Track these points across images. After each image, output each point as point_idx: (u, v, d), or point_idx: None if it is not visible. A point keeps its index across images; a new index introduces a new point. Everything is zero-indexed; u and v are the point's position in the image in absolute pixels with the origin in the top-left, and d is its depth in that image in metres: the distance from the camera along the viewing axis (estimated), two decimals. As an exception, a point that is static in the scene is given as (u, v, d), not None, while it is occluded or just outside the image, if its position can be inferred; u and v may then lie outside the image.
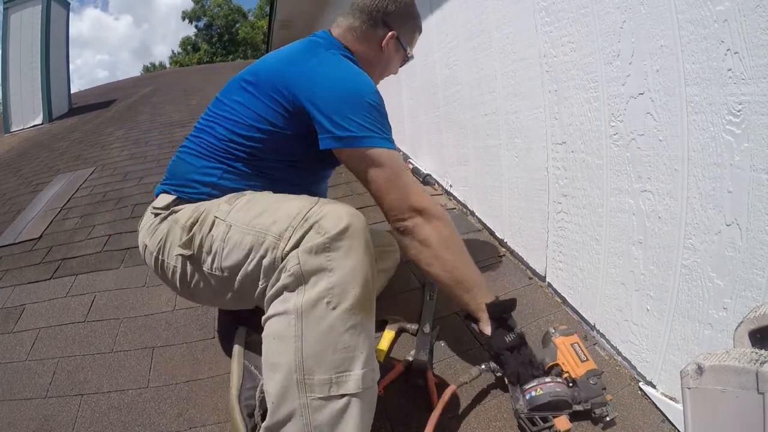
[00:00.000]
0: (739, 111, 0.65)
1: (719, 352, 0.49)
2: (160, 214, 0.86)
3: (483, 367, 0.87)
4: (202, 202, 0.82)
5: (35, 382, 0.97)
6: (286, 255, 0.63)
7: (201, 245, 0.75)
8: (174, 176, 0.90)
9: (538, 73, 1.11)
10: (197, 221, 0.77)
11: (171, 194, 0.88)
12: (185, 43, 23.61)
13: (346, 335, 0.60)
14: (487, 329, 0.83)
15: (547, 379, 0.82)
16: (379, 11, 0.96)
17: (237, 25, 22.89)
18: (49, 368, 1.01)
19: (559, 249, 1.15)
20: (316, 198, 0.70)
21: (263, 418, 0.67)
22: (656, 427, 0.83)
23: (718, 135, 0.69)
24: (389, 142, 0.82)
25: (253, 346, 0.86)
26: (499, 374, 0.86)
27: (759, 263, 0.65)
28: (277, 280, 0.63)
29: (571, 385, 0.84)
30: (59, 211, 1.99)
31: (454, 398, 0.84)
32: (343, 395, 0.59)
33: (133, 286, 1.31)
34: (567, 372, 0.86)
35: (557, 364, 0.88)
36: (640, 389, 0.91)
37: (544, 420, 0.79)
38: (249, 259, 0.68)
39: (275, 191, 0.84)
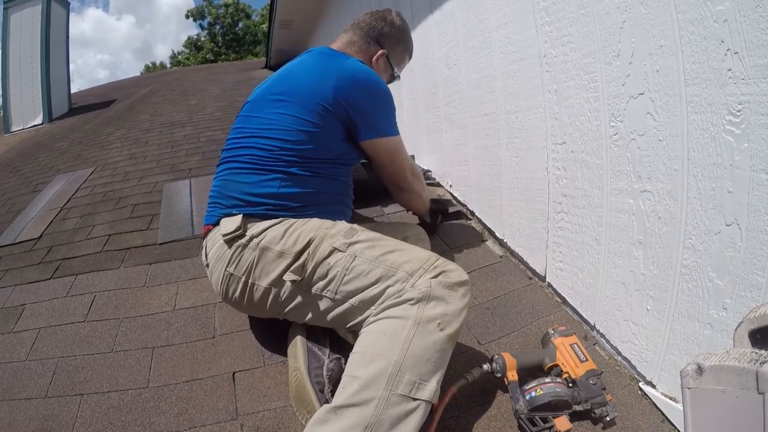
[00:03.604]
0: (739, 111, 0.65)
1: (719, 352, 0.49)
2: (236, 240, 0.88)
3: (483, 367, 0.87)
4: (291, 226, 0.88)
5: (35, 382, 0.97)
6: (413, 287, 0.76)
7: (313, 271, 0.83)
8: (227, 197, 0.95)
9: (538, 73, 1.11)
10: (304, 248, 0.84)
11: (235, 215, 0.90)
12: (188, 44, 23.50)
13: (437, 353, 0.71)
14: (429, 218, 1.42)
15: (547, 380, 0.83)
16: (374, 30, 1.17)
17: (240, 25, 22.79)
18: (49, 368, 1.01)
19: (559, 249, 1.15)
20: (436, 254, 0.84)
21: (331, 394, 0.78)
22: (656, 427, 0.83)
23: (717, 135, 0.69)
24: (398, 130, 1.10)
25: (312, 330, 0.94)
26: (498, 375, 0.87)
27: (759, 263, 0.66)
28: (400, 295, 0.75)
29: (571, 385, 0.84)
30: (59, 211, 1.99)
31: (454, 398, 0.84)
32: (416, 399, 0.67)
33: (133, 286, 1.31)
34: (567, 372, 0.86)
35: (557, 365, 0.89)
36: (640, 389, 0.91)
37: (544, 420, 0.80)
38: (374, 287, 0.78)
39: (330, 192, 1.00)
